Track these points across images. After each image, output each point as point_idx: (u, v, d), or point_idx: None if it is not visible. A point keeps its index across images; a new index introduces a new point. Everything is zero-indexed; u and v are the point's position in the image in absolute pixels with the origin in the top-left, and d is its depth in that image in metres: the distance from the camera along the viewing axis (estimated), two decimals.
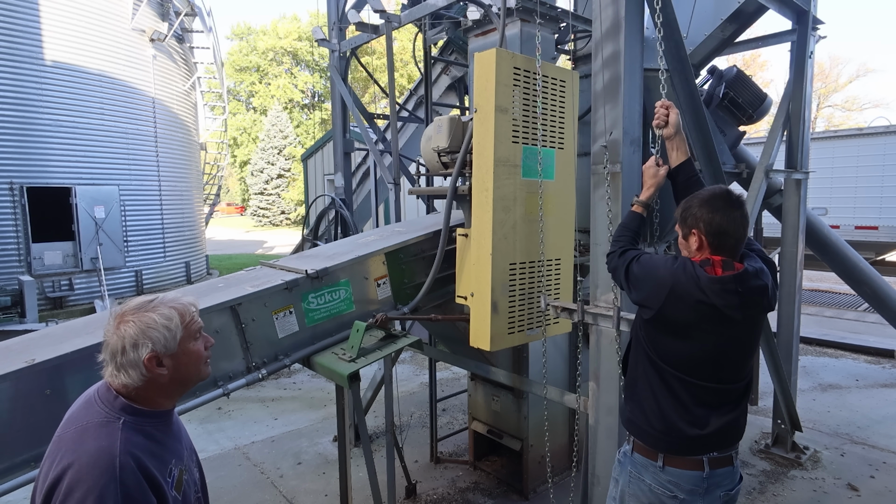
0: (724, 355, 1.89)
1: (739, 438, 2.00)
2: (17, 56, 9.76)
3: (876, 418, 5.34)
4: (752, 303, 1.83)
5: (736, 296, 1.80)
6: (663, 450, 1.95)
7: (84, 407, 1.33)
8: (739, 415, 1.97)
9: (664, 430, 1.94)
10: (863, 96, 44.23)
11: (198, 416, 5.53)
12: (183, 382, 1.40)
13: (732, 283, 1.80)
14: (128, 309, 1.33)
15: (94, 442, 1.23)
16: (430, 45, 4.81)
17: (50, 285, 10.27)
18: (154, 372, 1.31)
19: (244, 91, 43.59)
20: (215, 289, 2.81)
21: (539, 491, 4.03)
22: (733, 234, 1.83)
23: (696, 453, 1.92)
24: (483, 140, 2.66)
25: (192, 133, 14.55)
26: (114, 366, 1.30)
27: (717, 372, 1.90)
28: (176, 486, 1.36)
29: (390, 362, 2.85)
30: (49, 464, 1.25)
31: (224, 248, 23.37)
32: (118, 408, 1.30)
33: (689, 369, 1.90)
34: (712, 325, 1.84)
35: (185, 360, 1.36)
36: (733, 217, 1.82)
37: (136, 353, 1.29)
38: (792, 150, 4.55)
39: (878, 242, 10.70)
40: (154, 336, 1.30)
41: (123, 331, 1.29)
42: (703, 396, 1.91)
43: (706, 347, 1.87)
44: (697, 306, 1.82)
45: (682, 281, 1.84)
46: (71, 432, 1.28)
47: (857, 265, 5.26)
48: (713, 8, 4.16)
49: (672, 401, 1.93)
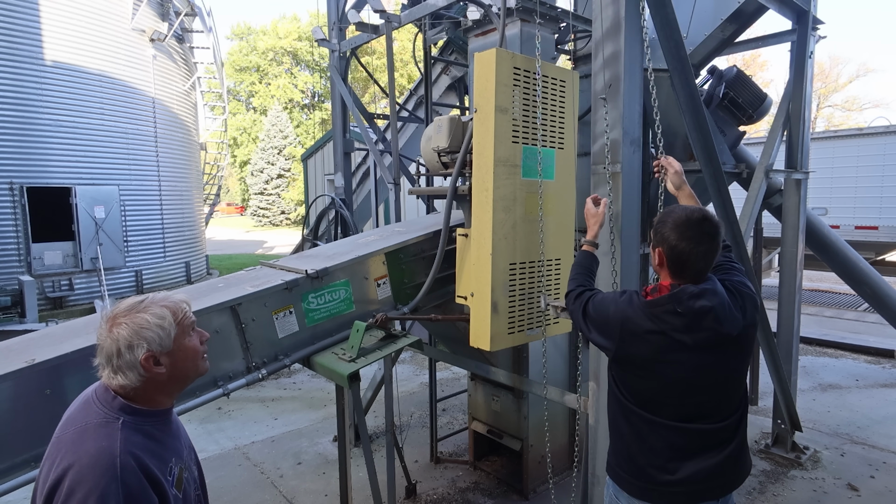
0: (692, 391, 1.78)
1: (729, 488, 1.84)
2: (17, 56, 9.76)
3: (876, 418, 5.34)
4: (697, 325, 1.73)
5: (676, 317, 1.74)
6: (636, 495, 1.88)
7: (82, 408, 1.32)
8: (726, 460, 1.80)
9: (635, 474, 1.88)
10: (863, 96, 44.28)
11: (198, 416, 5.53)
12: (182, 379, 1.39)
13: (669, 303, 1.75)
14: (119, 311, 1.32)
15: (94, 442, 1.23)
16: (430, 45, 4.81)
17: (50, 285, 10.27)
18: (152, 371, 1.31)
19: (244, 91, 43.58)
20: (215, 289, 2.81)
21: (539, 491, 4.03)
22: (693, 266, 1.76)
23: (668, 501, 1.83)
24: (483, 140, 2.66)
25: (192, 133, 14.55)
26: (110, 368, 1.29)
27: (687, 410, 1.80)
28: (176, 484, 1.35)
29: (390, 362, 2.85)
30: (49, 465, 1.25)
31: (224, 248, 23.38)
32: (117, 408, 1.29)
33: (657, 408, 1.82)
34: (670, 354, 1.76)
35: (182, 357, 1.36)
36: (699, 251, 1.74)
37: (131, 354, 1.28)
38: (792, 150, 4.55)
39: (878, 242, 10.70)
40: (148, 336, 1.29)
41: (116, 333, 1.28)
42: (676, 440, 1.81)
43: (670, 382, 1.79)
44: (648, 336, 1.78)
45: (629, 315, 1.82)
46: (70, 433, 1.27)
47: (857, 265, 5.26)
48: (713, 8, 4.17)
49: (641, 445, 1.86)
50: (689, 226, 1.76)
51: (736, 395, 1.85)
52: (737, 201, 3.47)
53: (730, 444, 1.83)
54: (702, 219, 1.77)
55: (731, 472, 1.84)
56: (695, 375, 1.78)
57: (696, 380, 1.78)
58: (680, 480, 1.80)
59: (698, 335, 1.74)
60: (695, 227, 1.76)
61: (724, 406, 1.82)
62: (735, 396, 1.85)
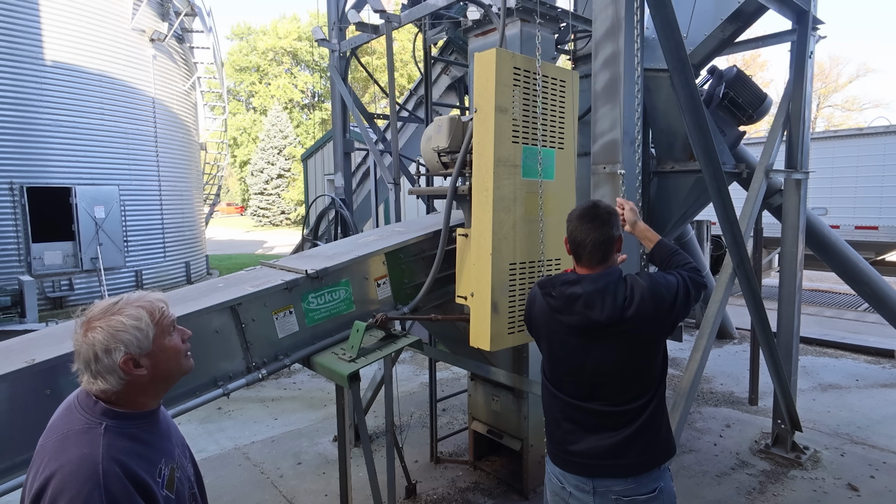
0: (580, 371, 1.95)
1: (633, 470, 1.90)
2: (17, 56, 9.77)
3: (876, 418, 5.34)
4: (568, 308, 1.93)
5: (552, 299, 1.98)
6: (553, 461, 2.09)
7: (65, 414, 1.31)
8: (622, 443, 1.89)
9: (551, 440, 2.10)
10: (863, 96, 44.30)
11: (198, 416, 5.53)
12: (165, 380, 1.37)
13: (547, 286, 2.02)
14: (93, 314, 1.28)
15: (76, 449, 1.21)
16: (430, 45, 4.81)
17: (50, 285, 10.28)
18: (132, 374, 1.28)
19: (244, 91, 43.59)
20: (215, 289, 2.81)
21: (539, 491, 4.03)
22: (581, 242, 1.95)
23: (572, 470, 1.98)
24: (483, 140, 2.66)
25: (192, 133, 14.56)
26: (89, 374, 1.27)
27: (582, 390, 1.97)
28: (167, 485, 1.34)
29: (390, 362, 2.85)
30: (33, 473, 1.24)
31: (224, 248, 23.38)
32: (99, 413, 1.27)
33: (557, 382, 2.04)
34: (554, 332, 1.99)
35: (164, 357, 1.33)
36: (584, 228, 1.94)
37: (109, 358, 1.25)
38: (792, 150, 4.54)
39: (878, 242, 10.70)
40: (125, 338, 1.26)
41: (92, 338, 1.25)
42: (571, 413, 2.00)
43: (559, 359, 2.01)
44: (542, 313, 2.03)
45: (532, 295, 2.11)
46: (52, 441, 1.26)
47: (857, 265, 5.26)
48: (713, 8, 4.17)
49: (550, 414, 2.10)
50: (580, 214, 1.99)
51: (634, 382, 1.93)
52: (737, 201, 3.47)
53: (629, 427, 1.91)
54: (590, 206, 2.00)
55: (633, 456, 1.91)
56: (578, 355, 1.95)
57: (581, 362, 1.95)
58: (580, 452, 1.96)
59: (570, 318, 1.94)
60: (582, 209, 1.99)
61: (621, 392, 1.93)
62: (633, 384, 1.93)
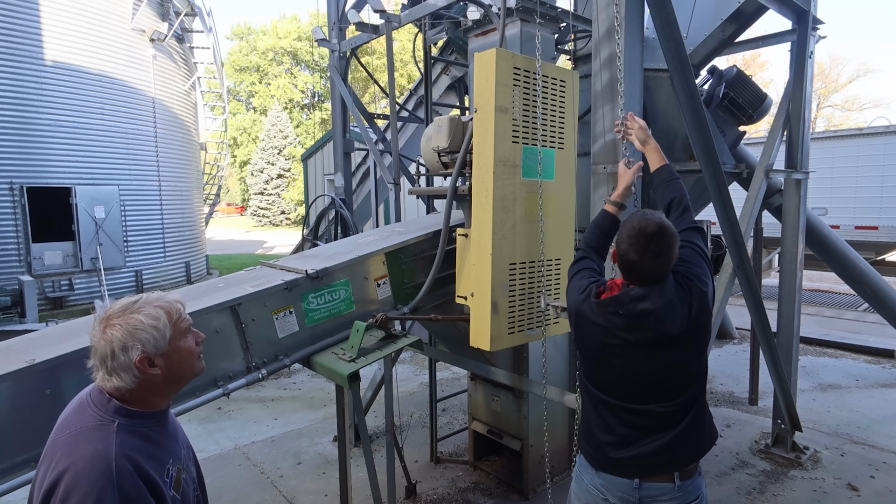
0: (639, 377, 1.89)
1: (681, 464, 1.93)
2: (17, 56, 9.76)
3: (876, 418, 5.34)
4: (638, 325, 1.84)
5: (618, 318, 1.87)
6: (595, 466, 2.01)
7: (77, 411, 1.31)
8: (674, 440, 1.90)
9: (594, 446, 2.01)
10: (863, 96, 44.28)
11: (198, 416, 5.53)
12: (177, 380, 1.38)
13: (612, 305, 1.88)
14: (113, 312, 1.30)
15: (89, 446, 1.22)
16: (430, 45, 4.81)
17: (50, 285, 10.28)
18: (147, 373, 1.29)
19: (244, 91, 43.57)
20: (215, 289, 2.81)
21: (539, 491, 4.03)
22: (640, 276, 1.86)
23: (622, 474, 1.94)
24: (483, 140, 2.66)
25: (192, 133, 14.55)
26: (105, 370, 1.28)
27: (638, 394, 1.91)
28: (174, 485, 1.34)
29: (390, 362, 2.85)
30: (45, 469, 1.24)
31: (224, 248, 23.37)
32: (112, 410, 1.28)
33: (610, 389, 1.96)
34: (615, 349, 1.90)
35: (178, 358, 1.35)
36: (645, 263, 1.81)
37: (126, 356, 1.26)
38: (792, 150, 4.55)
39: (878, 242, 10.69)
40: (143, 337, 1.27)
41: (110, 335, 1.26)
42: (627, 417, 1.93)
43: (617, 369, 1.92)
44: (596, 329, 1.93)
45: (583, 309, 1.97)
46: (65, 437, 1.26)
47: (857, 265, 5.26)
48: (713, 8, 4.17)
49: (598, 420, 2.00)
50: (640, 238, 1.81)
51: (691, 381, 1.93)
52: (737, 201, 3.47)
53: (680, 423, 1.91)
54: (653, 234, 1.80)
55: (681, 450, 1.92)
56: (640, 368, 1.89)
57: (641, 372, 1.89)
58: (633, 456, 1.91)
59: (640, 335, 1.85)
60: (644, 241, 1.80)
61: (675, 391, 1.90)
62: (689, 383, 1.92)
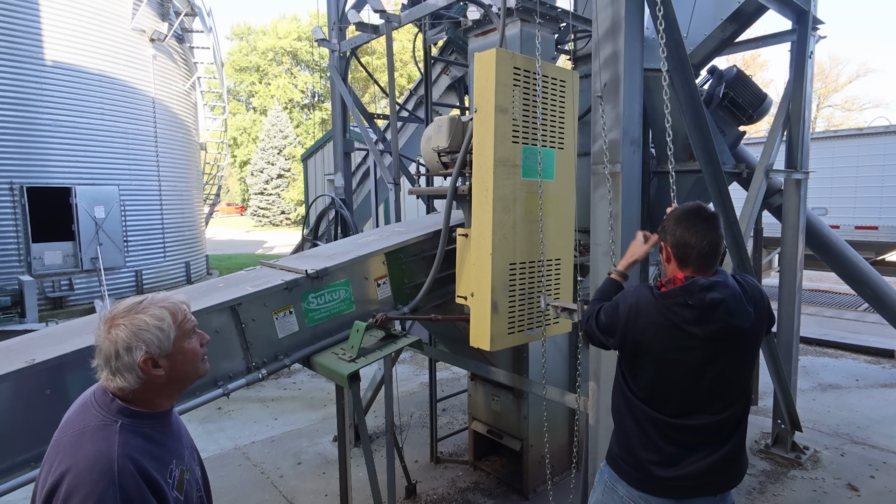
0: (697, 384, 1.80)
1: (726, 486, 1.86)
2: (17, 56, 9.76)
3: (876, 418, 5.34)
4: (708, 317, 1.74)
5: (688, 309, 1.76)
6: (636, 486, 1.91)
7: (81, 411, 1.31)
8: (725, 457, 1.82)
9: (634, 466, 1.91)
10: (863, 96, 44.28)
11: (198, 416, 5.53)
12: (181, 381, 1.38)
13: (680, 294, 1.77)
14: (117, 312, 1.30)
15: (92, 446, 1.22)
16: (430, 45, 4.81)
17: (50, 285, 10.27)
18: (150, 374, 1.29)
19: (244, 91, 43.57)
20: (215, 289, 2.81)
21: (539, 491, 4.03)
22: (696, 246, 1.79)
23: (669, 496, 1.86)
24: (483, 140, 2.66)
25: (192, 133, 14.55)
26: (109, 370, 1.28)
27: (691, 405, 1.82)
28: (177, 486, 1.34)
29: (390, 362, 2.85)
30: (47, 468, 1.24)
31: (224, 248, 23.36)
32: (115, 411, 1.28)
33: (661, 404, 1.85)
34: (680, 346, 1.79)
35: (182, 360, 1.35)
36: (697, 229, 1.79)
37: (130, 356, 1.26)
38: (792, 150, 4.54)
39: (878, 242, 10.69)
40: (147, 338, 1.28)
41: (115, 335, 1.27)
42: (676, 436, 1.84)
43: (677, 374, 1.82)
44: (657, 329, 1.81)
45: (640, 305, 1.86)
46: (68, 436, 1.26)
47: (857, 265, 5.25)
48: (713, 8, 4.16)
49: (643, 439, 1.89)
50: (686, 214, 1.85)
51: (740, 389, 1.87)
52: (737, 201, 3.47)
53: (730, 440, 1.85)
54: (696, 206, 1.87)
55: (730, 469, 1.86)
56: (703, 368, 1.80)
57: (703, 372, 1.80)
58: (680, 476, 1.83)
59: (709, 327, 1.75)
60: (690, 212, 1.85)
61: (728, 400, 1.84)
62: (739, 391, 1.86)
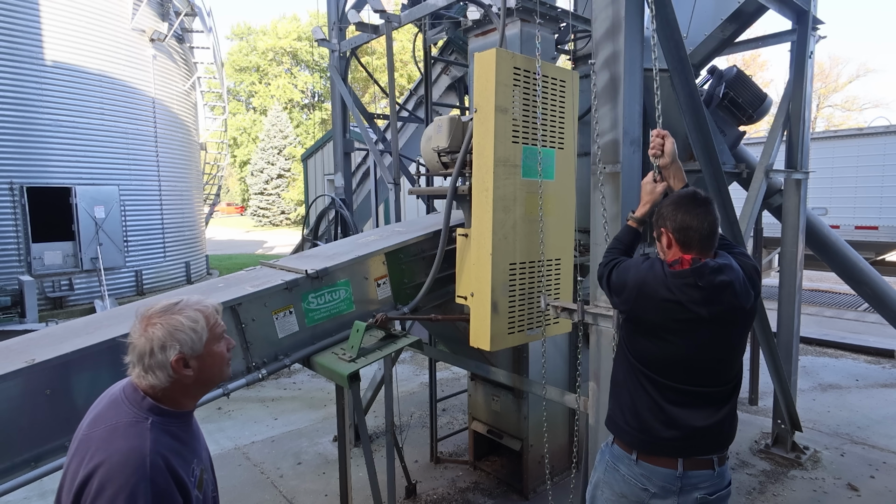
0: (699, 357, 1.89)
1: (723, 445, 1.97)
2: (17, 56, 9.76)
3: (876, 418, 5.34)
4: (716, 298, 1.82)
5: (696, 290, 1.82)
6: (638, 448, 1.99)
7: (111, 406, 1.34)
8: (723, 419, 1.93)
9: (639, 428, 1.98)
10: (863, 96, 44.27)
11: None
12: (206, 383, 1.43)
13: (691, 276, 1.83)
14: (154, 311, 1.34)
15: (125, 441, 1.25)
16: (430, 45, 4.81)
17: (50, 285, 10.27)
18: (181, 373, 1.33)
19: (244, 91, 43.57)
20: (215, 289, 2.81)
21: (539, 491, 4.03)
22: (697, 229, 1.86)
23: (671, 454, 1.93)
24: (483, 140, 2.66)
25: (192, 133, 14.55)
26: (141, 367, 1.32)
27: (693, 374, 1.91)
28: (198, 485, 1.37)
29: (390, 362, 2.85)
30: (78, 462, 1.26)
31: (224, 248, 23.37)
32: (146, 408, 1.32)
33: (663, 370, 1.93)
34: (680, 324, 1.86)
35: (210, 362, 1.39)
36: (696, 213, 1.87)
37: (163, 354, 1.30)
38: (792, 150, 4.55)
39: (878, 242, 10.69)
40: (181, 338, 1.32)
41: (151, 333, 1.31)
42: (678, 398, 1.92)
43: (678, 348, 1.89)
44: (664, 304, 1.87)
45: (649, 281, 1.91)
46: (100, 431, 1.29)
47: (857, 265, 5.25)
48: (713, 8, 4.17)
49: (647, 400, 1.97)
50: (682, 198, 1.93)
51: (737, 360, 1.97)
52: (737, 201, 3.47)
53: (728, 402, 1.96)
54: (692, 191, 1.96)
55: (728, 430, 1.98)
56: (704, 346, 1.87)
57: (703, 351, 1.88)
58: (684, 437, 1.91)
59: (715, 308, 1.83)
60: (687, 196, 1.93)
61: (727, 371, 1.94)
62: (737, 361, 1.97)
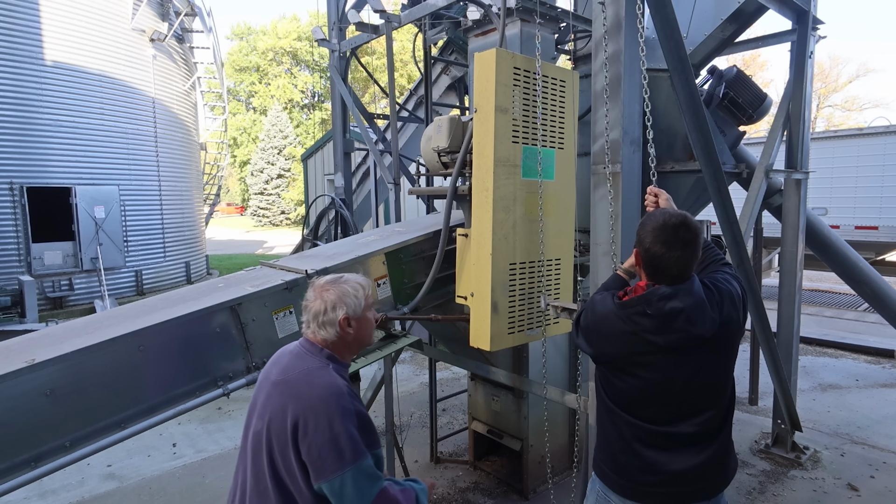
0: (670, 390, 1.77)
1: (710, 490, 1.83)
2: (17, 56, 9.76)
3: (876, 418, 5.35)
4: (667, 326, 1.72)
5: (647, 318, 1.74)
6: (619, 493, 1.89)
7: (296, 358, 1.66)
8: (706, 461, 1.79)
9: (618, 472, 1.89)
10: (863, 96, 44.28)
11: (198, 416, 5.52)
12: (360, 343, 1.73)
13: (638, 304, 1.76)
14: (325, 282, 1.69)
15: (322, 380, 1.56)
16: (430, 45, 4.81)
17: (50, 285, 10.27)
18: (345, 330, 1.65)
19: (244, 91, 43.57)
20: (215, 289, 2.81)
21: (539, 491, 4.03)
22: (667, 271, 1.75)
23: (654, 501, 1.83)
24: (483, 140, 2.66)
25: (192, 133, 14.55)
26: (316, 324, 1.65)
27: (668, 411, 1.79)
28: None
29: (390, 362, 2.86)
30: (282, 402, 1.55)
31: (224, 248, 23.37)
32: (325, 357, 1.65)
33: (638, 410, 1.83)
34: (644, 356, 1.77)
35: (365, 325, 1.72)
36: (672, 256, 1.73)
37: (334, 313, 1.64)
38: (792, 150, 4.55)
39: (878, 242, 10.69)
40: (348, 301, 1.66)
41: (326, 297, 1.65)
42: (654, 441, 1.81)
43: (646, 383, 1.79)
44: (623, 337, 1.79)
45: (605, 316, 1.84)
46: (296, 375, 1.59)
47: (857, 265, 5.26)
48: (713, 8, 4.16)
49: (622, 444, 1.87)
50: (665, 230, 1.75)
51: (718, 394, 1.83)
52: (737, 201, 3.47)
53: (712, 444, 1.81)
54: (678, 224, 1.75)
55: (714, 475, 1.83)
56: (670, 377, 1.77)
57: (672, 381, 1.77)
58: (662, 482, 1.81)
59: (669, 336, 1.73)
60: (670, 232, 1.74)
61: (706, 406, 1.81)
62: (717, 396, 1.83)
